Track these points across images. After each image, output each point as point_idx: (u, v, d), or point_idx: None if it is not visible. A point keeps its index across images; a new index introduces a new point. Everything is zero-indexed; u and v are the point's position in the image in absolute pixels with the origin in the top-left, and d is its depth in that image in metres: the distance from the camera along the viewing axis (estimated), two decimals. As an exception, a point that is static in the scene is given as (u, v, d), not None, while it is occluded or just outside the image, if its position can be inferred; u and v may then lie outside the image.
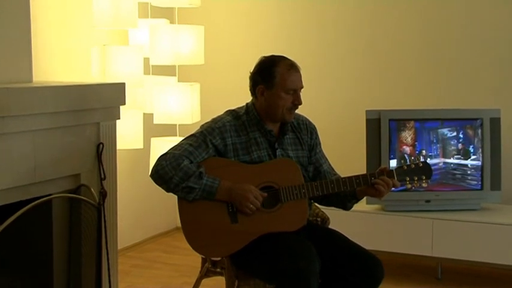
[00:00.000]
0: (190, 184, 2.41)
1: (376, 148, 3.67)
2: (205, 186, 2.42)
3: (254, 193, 2.43)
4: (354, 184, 2.51)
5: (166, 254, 4.27)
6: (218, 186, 2.43)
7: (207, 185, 2.42)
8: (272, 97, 2.51)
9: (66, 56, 3.76)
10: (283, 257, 2.33)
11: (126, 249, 4.27)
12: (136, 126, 3.86)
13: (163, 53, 3.77)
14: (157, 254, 4.27)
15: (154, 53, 3.80)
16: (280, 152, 2.57)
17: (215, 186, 2.43)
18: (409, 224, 3.68)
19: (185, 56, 3.80)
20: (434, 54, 4.14)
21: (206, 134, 2.51)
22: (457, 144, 3.69)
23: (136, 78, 3.65)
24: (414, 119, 3.69)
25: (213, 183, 2.43)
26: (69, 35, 3.77)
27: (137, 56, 3.67)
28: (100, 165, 2.94)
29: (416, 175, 2.53)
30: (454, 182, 3.69)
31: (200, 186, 2.42)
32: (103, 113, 2.98)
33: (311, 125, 2.70)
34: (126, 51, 3.62)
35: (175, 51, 3.76)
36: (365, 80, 4.30)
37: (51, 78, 3.58)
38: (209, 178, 2.43)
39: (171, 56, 3.77)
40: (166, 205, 4.55)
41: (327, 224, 2.80)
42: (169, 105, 3.82)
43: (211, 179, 2.44)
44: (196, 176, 2.41)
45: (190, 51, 3.81)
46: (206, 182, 2.42)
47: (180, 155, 2.45)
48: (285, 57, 2.55)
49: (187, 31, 3.80)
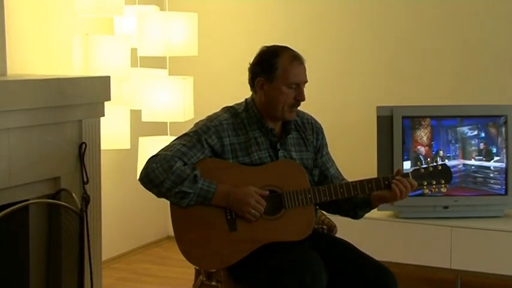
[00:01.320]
0: (183, 189, 2.40)
1: (388, 149, 3.67)
2: (200, 191, 2.41)
3: (255, 197, 2.42)
4: (365, 189, 2.50)
5: (157, 266, 4.26)
6: (215, 190, 2.42)
7: (203, 190, 2.42)
8: (272, 91, 2.50)
9: (45, 46, 3.74)
10: (286, 269, 2.33)
11: (111, 260, 4.27)
12: (122, 125, 3.86)
13: (152, 43, 3.77)
14: (146, 266, 4.26)
15: (143, 43, 3.80)
16: (283, 153, 2.56)
17: (212, 191, 2.42)
18: (425, 232, 3.67)
19: (177, 46, 3.79)
20: (453, 43, 4.14)
21: (201, 133, 2.50)
22: (478, 144, 3.68)
23: (122, 71, 3.64)
24: (430, 116, 3.68)
25: (209, 188, 2.42)
26: (47, 23, 3.75)
27: (123, 47, 3.66)
28: (82, 167, 2.94)
29: (435, 179, 2.53)
30: (475, 186, 3.68)
31: (195, 191, 2.41)
32: (85, 109, 2.98)
33: (317, 124, 2.69)
34: (111, 41, 3.61)
35: (166, 41, 3.75)
36: (375, 73, 4.29)
37: (28, 71, 3.57)
38: (205, 182, 2.43)
39: (161, 46, 3.76)
40: (157, 212, 4.55)
41: (334, 232, 2.80)
42: (159, 101, 3.82)
43: (207, 183, 2.43)
44: (191, 179, 2.41)
45: (183, 41, 3.80)
46: (202, 186, 2.42)
47: (172, 156, 2.44)
48: (288, 48, 2.54)
49: (179, 19, 3.79)
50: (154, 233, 4.70)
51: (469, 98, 4.03)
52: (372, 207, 2.59)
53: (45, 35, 3.75)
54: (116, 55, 3.60)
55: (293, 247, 2.42)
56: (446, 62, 4.16)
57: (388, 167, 3.59)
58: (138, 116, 3.94)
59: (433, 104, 3.90)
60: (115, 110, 3.78)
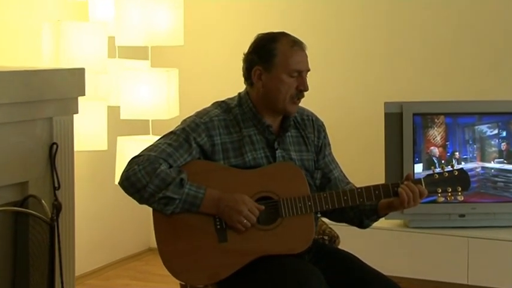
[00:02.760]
0: (168, 194, 2.40)
1: (398, 149, 3.68)
2: (187, 197, 2.41)
3: (249, 205, 2.42)
4: (372, 196, 2.50)
5: (137, 282, 4.26)
6: (203, 196, 2.42)
7: (190, 195, 2.41)
8: (272, 81, 2.50)
9: (10, 34, 3.72)
10: (283, 285, 2.32)
11: (85, 276, 4.25)
12: (98, 123, 3.85)
13: (132, 31, 3.76)
14: (125, 282, 4.26)
15: (121, 31, 3.79)
16: (281, 153, 2.56)
17: (200, 196, 2.42)
18: (438, 244, 3.68)
19: (160, 35, 3.79)
20: (469, 32, 4.14)
21: (189, 131, 2.49)
22: (499, 145, 3.70)
23: (98, 62, 3.63)
24: (445, 113, 3.70)
25: (197, 193, 2.42)
26: (13, 8, 3.73)
27: (99, 35, 3.65)
28: (53, 171, 2.92)
29: (451, 186, 2.53)
30: (495, 191, 3.70)
31: (181, 197, 2.41)
32: (57, 106, 2.96)
33: (318, 122, 2.69)
34: (85, 29, 3.60)
35: (148, 28, 3.75)
36: (383, 66, 4.30)
37: (-9, 63, 3.57)
38: (192, 186, 2.42)
39: (142, 34, 3.76)
40: (138, 221, 4.55)
41: (337, 243, 2.80)
42: (140, 96, 3.81)
43: (194, 188, 2.42)
44: (177, 183, 2.40)
45: (167, 29, 3.79)
46: (189, 191, 2.41)
47: (156, 157, 2.44)
48: (287, 33, 2.54)
49: (162, 4, 3.78)
50: (135, 245, 4.69)
51: (488, 93, 4.04)
52: (380, 215, 2.59)
53: (11, 21, 3.72)
54: (91, 44, 3.59)
55: (290, 261, 2.41)
56: (462, 52, 4.16)
57: (397, 171, 3.60)
58: (116, 113, 3.93)
59: (447, 100, 3.91)
60: (90, 107, 3.77)
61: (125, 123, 4.04)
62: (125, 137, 3.97)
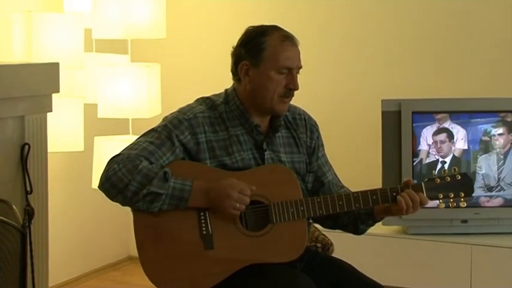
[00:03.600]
0: (153, 189, 2.40)
1: (395, 150, 3.69)
2: (173, 190, 2.41)
3: (237, 187, 2.40)
4: (369, 201, 2.50)
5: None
6: (191, 188, 2.42)
7: (176, 188, 2.41)
8: (259, 77, 2.50)
9: (-21, 26, 3.71)
10: (273, 296, 2.34)
11: (60, 286, 4.24)
12: (74, 122, 3.85)
13: (110, 23, 3.76)
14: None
15: (99, 23, 3.79)
16: (270, 155, 2.56)
17: (187, 189, 2.41)
18: (439, 251, 3.69)
19: (140, 27, 3.79)
20: (469, 28, 4.16)
21: (171, 128, 2.49)
22: (503, 145, 3.70)
23: (74, 56, 3.63)
24: (446, 111, 3.69)
25: (183, 186, 2.42)
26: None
27: (75, 27, 3.64)
28: (25, 173, 2.92)
29: (453, 191, 2.53)
30: (500, 194, 3.69)
31: (167, 191, 2.40)
32: (29, 103, 2.96)
33: (311, 121, 2.70)
34: (59, 21, 3.59)
35: (127, 20, 3.75)
36: (380, 61, 4.31)
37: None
38: (177, 179, 2.42)
39: (121, 27, 3.76)
40: (116, 227, 4.54)
41: (330, 251, 2.81)
42: (119, 93, 3.81)
43: (180, 181, 2.42)
44: (161, 177, 2.40)
45: (148, 21, 3.79)
46: (174, 184, 2.41)
47: (137, 155, 2.44)
48: (278, 27, 2.55)
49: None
50: (113, 253, 4.68)
51: (491, 91, 4.05)
52: (376, 220, 2.60)
53: (-21, 13, 3.72)
54: (66, 37, 3.58)
55: (281, 270, 2.41)
56: (463, 48, 4.18)
57: (395, 173, 3.61)
58: (93, 112, 3.92)
59: (448, 97, 3.92)
60: (65, 104, 3.76)
61: (102, 122, 4.03)
62: (102, 137, 3.96)
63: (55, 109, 3.14)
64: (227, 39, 2.61)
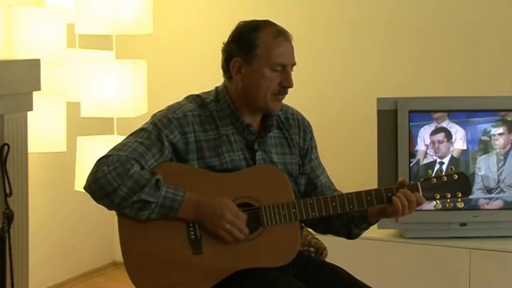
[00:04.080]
0: (143, 197, 2.39)
1: (392, 150, 3.69)
2: (164, 200, 2.41)
3: (233, 210, 2.41)
4: (363, 202, 2.51)
5: (100, 300, 4.26)
6: (182, 199, 2.41)
7: (168, 198, 2.41)
8: (252, 75, 2.50)
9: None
10: (264, 303, 2.34)
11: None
12: (56, 121, 3.84)
13: (94, 18, 3.76)
14: (86, 300, 4.26)
15: (82, 18, 3.78)
16: (261, 156, 2.56)
17: (178, 200, 2.41)
18: (437, 256, 3.69)
19: (126, 22, 3.79)
20: (473, 21, 4.17)
21: (161, 127, 2.49)
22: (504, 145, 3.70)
23: (56, 53, 3.63)
24: (444, 110, 3.70)
25: (175, 196, 2.42)
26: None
27: (57, 22, 3.64)
28: (4, 175, 2.90)
29: (450, 191, 2.54)
30: (500, 196, 3.70)
31: (158, 200, 2.40)
32: (8, 102, 2.95)
33: (304, 121, 2.70)
34: (41, 15, 3.59)
35: (112, 15, 3.75)
36: (376, 59, 4.32)
37: None
38: (169, 189, 2.42)
39: (106, 22, 3.75)
40: (101, 231, 4.54)
41: (324, 256, 2.81)
42: (103, 91, 3.81)
43: (172, 190, 2.42)
44: (152, 185, 2.40)
45: (133, 15, 3.79)
46: (166, 193, 2.41)
47: (127, 157, 2.43)
48: (271, 22, 2.55)
49: (128, -13, 3.78)
50: (97, 259, 4.68)
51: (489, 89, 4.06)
52: (370, 223, 2.61)
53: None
54: (48, 33, 3.58)
55: (272, 275, 2.41)
56: (460, 46, 4.18)
57: (391, 174, 3.61)
58: (76, 111, 3.92)
59: (445, 95, 3.92)
60: (46, 103, 3.77)
61: (86, 121, 4.03)
62: (86, 137, 3.96)
63: (36, 108, 3.13)
64: (216, 35, 2.61)
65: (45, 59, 3.41)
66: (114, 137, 3.91)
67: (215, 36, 2.62)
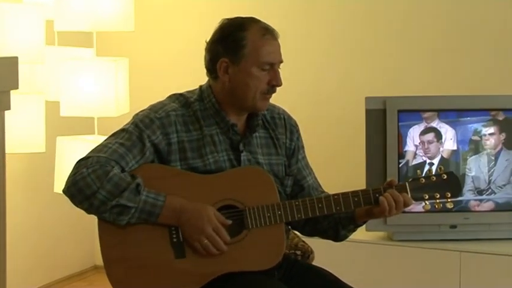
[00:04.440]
0: (123, 202, 2.39)
1: (380, 150, 3.69)
2: (144, 205, 2.40)
3: (213, 224, 2.41)
4: (350, 203, 2.51)
5: (80, 305, 4.25)
6: (163, 204, 2.41)
7: (148, 203, 2.40)
8: (240, 75, 2.50)
9: None
10: (249, 308, 2.35)
11: (20, 298, 4.21)
12: (35, 121, 3.84)
13: (74, 15, 3.75)
14: (66, 306, 4.24)
15: (62, 14, 3.77)
16: (246, 156, 2.56)
17: (159, 205, 2.41)
18: (426, 259, 3.69)
19: (107, 19, 3.78)
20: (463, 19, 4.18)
21: (142, 128, 2.49)
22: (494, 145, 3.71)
23: (34, 50, 3.62)
24: (434, 110, 3.70)
25: (156, 200, 2.41)
26: None
27: (36, 18, 3.63)
28: (-19, 176, 2.86)
29: (439, 191, 2.55)
30: (491, 197, 3.71)
31: (137, 205, 2.40)
32: (-15, 100, 2.90)
33: (291, 121, 2.70)
34: (18, 11, 3.58)
35: (93, 12, 3.74)
36: (364, 57, 4.32)
37: None
38: (150, 193, 2.42)
39: (86, 18, 3.74)
40: (81, 234, 4.52)
41: (310, 259, 2.81)
42: (83, 89, 3.80)
43: (153, 194, 2.42)
44: (132, 189, 2.40)
45: (114, 12, 3.79)
46: (146, 198, 2.40)
47: (107, 159, 2.43)
48: (256, 20, 2.55)
49: (109, -17, 3.77)
50: (77, 262, 4.67)
51: (482, 88, 4.08)
52: (357, 224, 2.61)
53: None
54: (26, 29, 3.57)
55: (258, 279, 2.42)
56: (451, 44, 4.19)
57: (379, 174, 3.61)
58: (55, 110, 3.90)
59: (435, 94, 3.93)
60: (25, 102, 3.76)
61: (65, 121, 4.01)
62: (65, 137, 3.94)
63: (14, 107, 3.10)
64: (200, 32, 2.60)
65: (23, 57, 3.39)
66: (94, 137, 3.90)
67: (199, 34, 2.62)
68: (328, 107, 4.33)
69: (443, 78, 4.19)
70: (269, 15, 2.80)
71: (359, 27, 4.31)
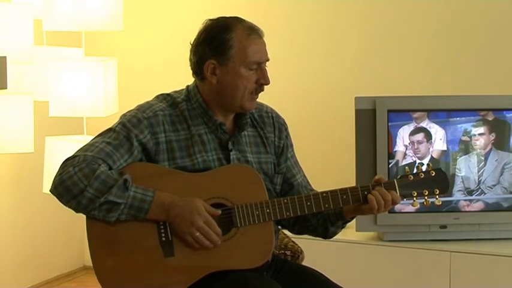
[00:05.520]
0: (111, 198, 2.39)
1: (370, 150, 3.69)
2: (133, 200, 2.40)
3: (204, 216, 2.41)
4: (339, 201, 2.52)
5: (69, 306, 4.24)
6: (152, 199, 2.41)
7: (137, 199, 2.41)
8: (228, 76, 2.51)
9: None
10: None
11: (8, 300, 4.22)
12: (23, 121, 3.80)
13: (63, 14, 3.75)
14: (55, 307, 4.24)
15: (50, 14, 3.77)
16: (236, 155, 2.56)
17: (148, 200, 2.41)
18: (416, 259, 3.70)
19: (95, 19, 3.78)
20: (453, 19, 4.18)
21: (130, 127, 2.49)
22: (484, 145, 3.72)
23: (23, 50, 3.61)
24: (423, 110, 3.71)
25: (144, 196, 2.41)
26: None
27: (24, 18, 3.62)
28: (-31, 176, 2.87)
29: (427, 188, 2.56)
30: (481, 198, 3.72)
31: (126, 201, 2.40)
32: (-27, 99, 2.91)
33: (279, 120, 2.71)
34: (7, 11, 3.58)
35: (81, 11, 3.73)
36: (354, 56, 4.32)
37: None
38: (138, 189, 2.42)
39: (75, 18, 3.74)
40: (70, 235, 4.51)
41: (300, 259, 2.81)
42: (72, 89, 3.80)
43: (141, 190, 2.42)
44: (120, 186, 2.39)
45: (103, 12, 3.78)
46: (135, 194, 2.41)
47: (94, 157, 2.43)
48: (241, 19, 2.55)
49: (98, -18, 3.78)
50: (66, 263, 4.66)
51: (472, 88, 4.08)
52: (346, 220, 2.62)
53: None
54: (14, 29, 3.56)
55: (248, 277, 2.42)
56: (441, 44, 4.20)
57: (369, 174, 3.60)
58: (44, 110, 3.91)
59: (425, 95, 3.93)
60: (13, 102, 3.73)
61: (54, 121, 4.01)
62: (54, 138, 3.94)
63: (2, 107, 3.12)
64: (189, 32, 2.59)
65: (12, 56, 3.39)
66: (83, 137, 3.89)
67: (187, 34, 2.60)
68: (318, 106, 4.33)
69: (433, 79, 4.19)
70: (260, 16, 2.82)
71: (349, 28, 4.31)
